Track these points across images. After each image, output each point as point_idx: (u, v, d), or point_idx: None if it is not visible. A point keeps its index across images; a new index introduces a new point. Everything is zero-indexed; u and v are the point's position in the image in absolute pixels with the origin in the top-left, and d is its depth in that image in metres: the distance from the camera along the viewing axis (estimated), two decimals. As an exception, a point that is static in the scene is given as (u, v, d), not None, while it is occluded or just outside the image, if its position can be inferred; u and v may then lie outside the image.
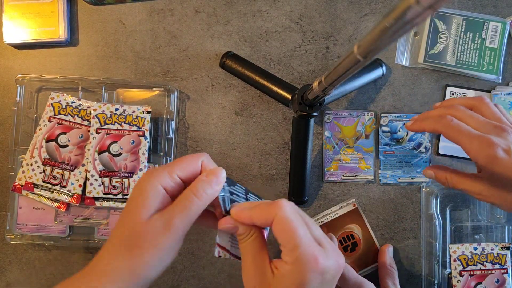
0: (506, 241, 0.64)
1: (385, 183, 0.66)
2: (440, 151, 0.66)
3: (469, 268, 0.62)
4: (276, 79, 0.63)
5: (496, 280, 0.61)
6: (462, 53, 0.66)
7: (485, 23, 0.65)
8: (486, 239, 0.65)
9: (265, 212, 0.38)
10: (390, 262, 0.63)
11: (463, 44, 0.66)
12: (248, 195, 0.46)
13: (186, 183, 0.40)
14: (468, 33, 0.66)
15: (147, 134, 0.62)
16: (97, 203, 0.61)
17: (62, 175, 0.61)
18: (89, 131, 0.61)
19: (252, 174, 0.66)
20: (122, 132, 0.62)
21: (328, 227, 0.65)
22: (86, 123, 0.62)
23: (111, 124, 0.61)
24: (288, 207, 0.37)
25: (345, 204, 0.65)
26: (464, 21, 0.66)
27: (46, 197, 0.61)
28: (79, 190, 0.61)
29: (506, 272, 0.62)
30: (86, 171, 0.61)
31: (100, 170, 0.61)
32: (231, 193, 0.43)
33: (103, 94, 0.64)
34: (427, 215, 0.65)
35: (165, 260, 0.38)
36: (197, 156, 0.41)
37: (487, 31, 0.65)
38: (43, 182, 0.60)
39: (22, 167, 0.61)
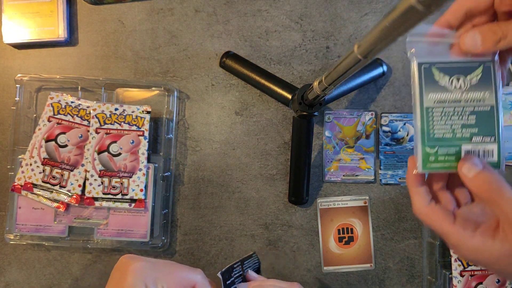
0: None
1: (386, 183, 0.66)
2: (441, 151, 0.66)
3: (469, 268, 0.61)
4: (276, 78, 0.63)
5: (497, 281, 0.61)
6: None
7: None
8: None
9: None
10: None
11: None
12: (244, 271, 0.48)
13: None
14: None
15: (146, 134, 0.62)
16: (97, 203, 0.61)
17: (62, 175, 0.61)
18: (88, 131, 0.61)
19: (252, 174, 0.65)
20: (122, 132, 0.61)
21: (332, 213, 0.65)
22: (85, 123, 0.62)
23: (111, 124, 0.61)
24: None
25: (357, 198, 0.65)
26: None
27: (45, 197, 0.61)
28: (78, 190, 0.61)
29: (507, 273, 0.61)
30: (86, 171, 0.61)
31: (100, 170, 0.61)
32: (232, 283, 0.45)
33: (102, 94, 0.64)
34: (428, 215, 0.64)
35: None
36: (191, 278, 0.43)
37: None
38: (43, 182, 0.60)
39: (22, 167, 0.61)
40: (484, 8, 0.36)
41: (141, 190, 0.61)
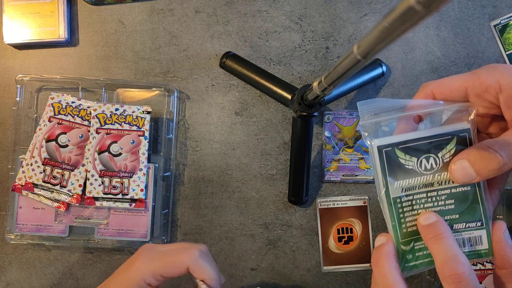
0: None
1: (385, 183, 0.66)
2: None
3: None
4: (276, 79, 0.63)
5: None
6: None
7: None
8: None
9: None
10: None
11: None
12: None
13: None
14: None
15: (147, 134, 0.62)
16: (97, 203, 0.61)
17: (62, 175, 0.61)
18: (89, 131, 0.61)
19: (252, 174, 0.66)
20: (122, 132, 0.62)
21: (332, 213, 0.65)
22: (86, 123, 0.62)
23: (111, 124, 0.61)
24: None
25: (356, 198, 0.66)
26: None
27: (46, 197, 0.61)
28: (79, 190, 0.61)
29: (506, 272, 0.61)
30: (86, 171, 0.61)
31: (100, 170, 0.61)
32: None
33: (103, 94, 0.64)
34: (427, 215, 0.65)
35: None
36: (183, 261, 0.45)
37: None
38: (43, 182, 0.60)
39: (22, 167, 0.61)
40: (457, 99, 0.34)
41: (142, 190, 0.61)
